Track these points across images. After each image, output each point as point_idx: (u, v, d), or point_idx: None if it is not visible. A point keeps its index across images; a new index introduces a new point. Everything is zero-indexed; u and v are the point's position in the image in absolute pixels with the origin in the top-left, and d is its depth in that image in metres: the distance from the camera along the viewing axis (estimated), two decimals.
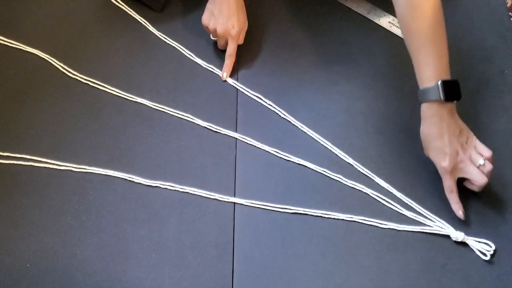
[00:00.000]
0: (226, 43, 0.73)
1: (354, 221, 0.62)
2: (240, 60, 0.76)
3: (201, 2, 0.76)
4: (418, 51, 0.61)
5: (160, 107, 0.71)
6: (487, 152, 0.61)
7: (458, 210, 0.61)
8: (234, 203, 0.64)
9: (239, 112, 0.71)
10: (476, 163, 0.60)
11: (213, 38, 0.76)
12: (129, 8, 0.81)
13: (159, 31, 0.79)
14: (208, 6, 0.73)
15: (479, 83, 0.73)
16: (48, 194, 0.64)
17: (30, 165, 0.66)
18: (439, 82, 0.59)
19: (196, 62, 0.76)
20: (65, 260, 0.60)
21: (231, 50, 0.73)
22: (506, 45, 0.77)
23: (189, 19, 0.80)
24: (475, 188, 0.62)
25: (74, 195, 0.64)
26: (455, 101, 0.61)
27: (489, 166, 0.60)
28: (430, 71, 0.60)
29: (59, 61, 0.75)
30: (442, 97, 0.59)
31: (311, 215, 0.63)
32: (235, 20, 0.71)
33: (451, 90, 0.59)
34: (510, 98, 0.72)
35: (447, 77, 0.60)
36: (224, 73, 0.74)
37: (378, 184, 0.65)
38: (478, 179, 0.60)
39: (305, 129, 0.70)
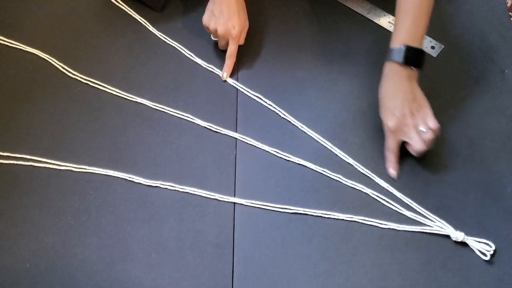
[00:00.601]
0: (227, 44, 0.73)
1: (354, 221, 0.63)
2: (240, 60, 0.76)
3: (201, 2, 0.76)
4: (399, 14, 0.64)
5: (160, 107, 0.71)
6: (433, 124, 0.62)
7: (389, 168, 0.65)
8: (234, 203, 0.64)
9: (239, 112, 0.71)
10: (418, 129, 0.62)
11: (213, 39, 0.76)
12: (129, 8, 0.81)
13: (159, 31, 0.79)
14: (209, 6, 0.73)
15: (479, 83, 0.73)
16: (48, 194, 0.64)
17: (30, 165, 0.66)
18: (404, 46, 0.62)
19: (196, 62, 0.76)
20: (65, 260, 0.60)
21: (231, 51, 0.73)
22: (506, 45, 0.77)
23: (189, 19, 0.80)
24: (413, 153, 0.64)
25: (74, 195, 0.64)
26: (417, 69, 0.63)
27: (429, 135, 0.62)
28: (401, 34, 0.63)
29: (59, 61, 0.75)
30: (402, 60, 0.62)
31: (311, 215, 0.63)
32: (235, 20, 0.71)
33: (413, 57, 0.62)
34: (510, 98, 0.72)
35: (417, 45, 0.63)
36: (224, 73, 0.74)
37: (378, 184, 0.65)
38: (416, 144, 0.62)
39: (305, 129, 0.70)
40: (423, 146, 0.62)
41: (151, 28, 0.79)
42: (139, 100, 0.72)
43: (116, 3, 0.82)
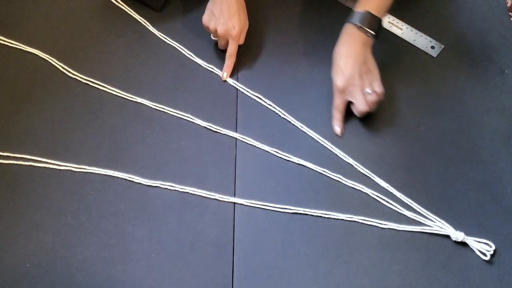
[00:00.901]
0: (227, 43, 0.73)
1: (354, 221, 0.63)
2: (240, 60, 0.76)
3: (201, 2, 0.76)
4: None
5: (160, 107, 0.71)
6: (379, 88, 0.66)
7: (335, 126, 0.69)
8: (234, 203, 0.64)
9: (239, 112, 0.71)
10: (364, 91, 0.66)
11: (213, 38, 0.76)
12: (129, 8, 0.81)
13: (159, 31, 0.79)
14: (209, 6, 0.73)
15: (479, 83, 0.73)
16: (48, 194, 0.64)
17: (30, 165, 0.66)
18: (366, 12, 0.66)
19: (196, 62, 0.76)
20: (65, 260, 0.60)
21: (231, 51, 0.73)
22: (506, 45, 0.77)
23: (189, 19, 0.80)
24: (356, 113, 0.68)
25: (74, 195, 0.64)
26: (373, 38, 0.67)
27: (373, 97, 0.65)
28: (367, 2, 0.67)
29: (59, 61, 0.75)
30: (360, 23, 0.65)
31: (311, 215, 0.63)
32: (236, 20, 0.71)
33: (372, 23, 0.66)
34: (510, 98, 0.72)
35: (378, 15, 0.66)
36: (224, 73, 0.74)
37: (378, 184, 0.65)
38: (359, 104, 0.66)
39: (305, 129, 0.70)
40: (366, 107, 0.66)
41: (151, 28, 0.79)
42: (139, 100, 0.72)
43: (116, 3, 0.82)
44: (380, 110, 0.71)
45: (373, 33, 0.66)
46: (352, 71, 0.66)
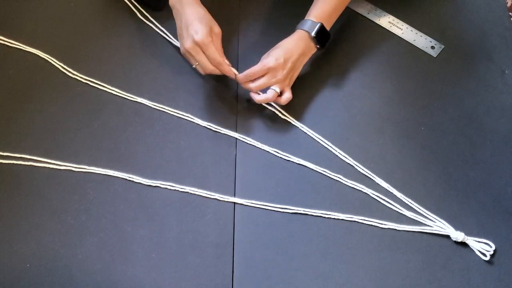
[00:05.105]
0: (206, 59, 0.67)
1: (354, 221, 0.63)
2: (240, 60, 0.76)
3: (202, 1, 0.76)
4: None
5: (160, 107, 0.71)
6: (285, 96, 0.68)
7: (230, 71, 0.68)
8: (234, 203, 0.64)
9: (239, 112, 0.71)
10: (272, 87, 0.68)
11: (194, 66, 0.69)
12: (129, 8, 0.81)
13: (159, 30, 0.79)
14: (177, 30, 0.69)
15: (479, 83, 0.73)
16: (48, 194, 0.64)
17: (30, 165, 0.66)
18: (319, 24, 0.69)
19: None
20: (65, 260, 0.60)
21: (212, 55, 0.66)
22: (506, 45, 0.77)
23: None
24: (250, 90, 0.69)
25: (74, 195, 0.64)
26: (317, 48, 0.71)
27: (270, 95, 0.67)
28: (320, 13, 0.70)
29: (59, 61, 0.75)
30: (313, 33, 0.69)
31: (311, 215, 0.63)
32: (196, 27, 0.65)
33: (322, 35, 0.70)
34: (510, 98, 0.72)
35: (328, 28, 0.71)
36: (233, 73, 0.70)
37: (378, 184, 0.65)
38: (257, 88, 0.68)
39: (305, 129, 0.70)
40: (257, 96, 0.68)
41: (151, 27, 0.79)
42: (139, 100, 0.72)
43: (116, 3, 0.82)
44: (380, 110, 0.71)
45: (321, 46, 0.70)
46: (287, 67, 0.67)
